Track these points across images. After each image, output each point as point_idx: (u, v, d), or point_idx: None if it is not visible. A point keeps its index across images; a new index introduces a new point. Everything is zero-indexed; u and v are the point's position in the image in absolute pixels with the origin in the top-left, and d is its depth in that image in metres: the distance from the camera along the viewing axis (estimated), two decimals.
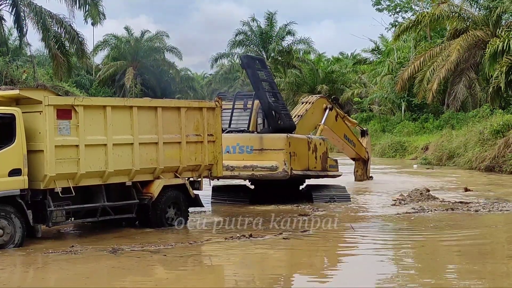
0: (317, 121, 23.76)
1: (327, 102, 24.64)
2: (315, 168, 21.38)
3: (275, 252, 13.76)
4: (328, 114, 24.10)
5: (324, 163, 21.77)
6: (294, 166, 20.37)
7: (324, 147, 21.91)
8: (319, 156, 21.55)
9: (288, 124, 21.14)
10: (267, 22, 72.18)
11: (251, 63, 21.53)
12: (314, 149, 21.34)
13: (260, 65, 22.02)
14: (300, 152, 20.73)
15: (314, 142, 21.50)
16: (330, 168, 22.19)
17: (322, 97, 25.16)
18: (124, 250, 13.35)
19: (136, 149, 15.47)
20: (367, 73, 68.77)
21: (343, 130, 26.16)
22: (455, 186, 25.69)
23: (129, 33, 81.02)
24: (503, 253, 13.74)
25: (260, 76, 21.34)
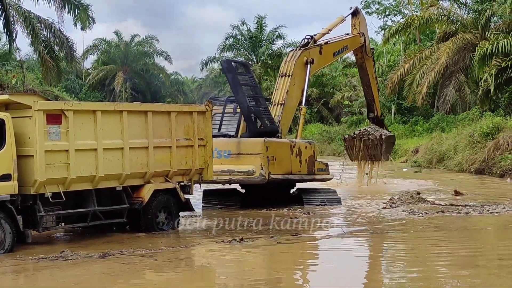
0: (300, 87, 23.26)
1: (306, 55, 23.58)
2: (299, 172, 21.28)
3: (266, 256, 13.75)
4: (310, 68, 23.45)
5: (311, 166, 21.67)
6: (273, 170, 20.27)
7: (310, 151, 21.80)
8: (305, 159, 21.45)
9: (270, 128, 21.07)
10: (256, 26, 72.23)
11: (231, 68, 21.55)
12: (298, 153, 21.23)
13: (244, 70, 22.13)
14: (281, 156, 20.63)
15: (299, 146, 21.38)
16: (319, 172, 22.05)
17: (299, 56, 23.49)
18: (114, 255, 13.32)
19: (127, 154, 15.45)
20: (357, 76, 68.82)
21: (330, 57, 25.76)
22: (445, 189, 25.72)
23: (119, 38, 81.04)
24: (493, 256, 13.76)
25: (242, 80, 21.33)
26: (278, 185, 21.49)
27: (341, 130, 62.23)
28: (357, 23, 27.17)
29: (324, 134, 61.87)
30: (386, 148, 27.58)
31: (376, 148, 27.49)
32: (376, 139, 27.44)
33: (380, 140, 27.28)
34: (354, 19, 27.26)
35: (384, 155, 27.61)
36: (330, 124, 69.37)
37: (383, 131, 27.99)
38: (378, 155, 27.64)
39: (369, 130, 28.11)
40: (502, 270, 12.12)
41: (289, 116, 22.79)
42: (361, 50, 27.18)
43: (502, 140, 31.82)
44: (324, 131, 62.80)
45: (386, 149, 27.54)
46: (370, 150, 27.69)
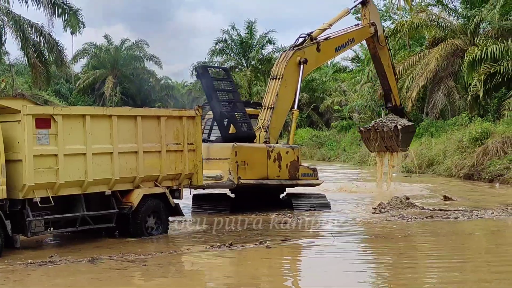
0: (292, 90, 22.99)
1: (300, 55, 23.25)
2: (278, 177, 21.17)
3: (255, 261, 13.74)
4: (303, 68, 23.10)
5: (294, 171, 21.53)
6: (245, 175, 20.18)
7: (293, 156, 21.64)
8: (286, 164, 21.31)
9: (245, 133, 21.08)
10: (247, 31, 72.28)
11: (205, 74, 21.65)
12: (277, 158, 21.13)
13: (224, 75, 22.40)
14: (254, 161, 20.54)
15: (278, 150, 21.25)
16: (304, 177, 21.90)
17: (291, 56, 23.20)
18: (103, 260, 13.28)
19: (116, 158, 15.42)
20: (347, 82, 69.03)
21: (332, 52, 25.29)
22: (434, 194, 25.78)
23: (109, 42, 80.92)
24: (481, 261, 13.80)
25: (217, 85, 21.42)
26: (265, 190, 21.52)
27: (331, 135, 62.38)
28: (367, 13, 26.59)
29: (314, 139, 61.97)
30: (404, 138, 26.83)
31: (392, 139, 26.87)
32: (390, 130, 26.81)
33: (395, 131, 26.62)
34: (364, 9, 26.72)
35: (401, 146, 26.98)
36: (320, 129, 69.48)
37: (401, 121, 27.18)
38: (395, 146, 27.06)
39: (385, 121, 27.53)
40: (490, 275, 12.16)
41: (280, 119, 22.63)
42: (372, 40, 26.55)
43: (491, 145, 31.95)
44: (314, 136, 62.90)
45: (403, 139, 26.79)
46: (386, 141, 27.09)
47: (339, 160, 54.89)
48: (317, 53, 23.80)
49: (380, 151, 27.81)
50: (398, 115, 27.76)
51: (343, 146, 56.49)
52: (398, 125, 26.69)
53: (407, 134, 27.21)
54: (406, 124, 27.17)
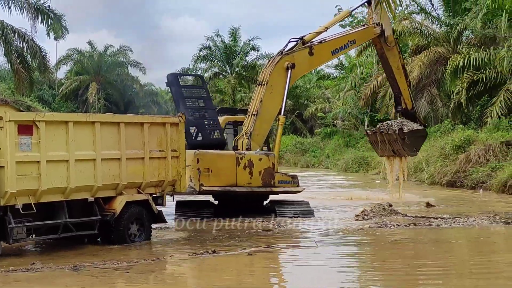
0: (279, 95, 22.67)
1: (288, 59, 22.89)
2: (249, 184, 21.08)
3: (239, 268, 13.73)
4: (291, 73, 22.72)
5: (268, 178, 21.40)
6: (208, 182, 20.10)
7: (268, 163, 21.47)
8: (259, 171, 21.23)
9: (213, 140, 21.08)
10: (231, 37, 72.37)
11: (174, 81, 21.72)
12: (247, 165, 21.02)
13: (199, 82, 22.49)
14: (220, 168, 20.44)
15: (249, 157, 21.15)
16: (280, 184, 21.73)
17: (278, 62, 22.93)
18: (86, 267, 13.21)
19: (99, 165, 15.36)
20: (331, 89, 69.25)
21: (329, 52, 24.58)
22: (417, 201, 25.86)
23: (92, 48, 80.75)
24: (464, 269, 13.86)
25: (185, 93, 21.48)
26: (250, 197, 21.52)
27: (314, 142, 62.49)
28: (373, 12, 25.66)
29: (298, 146, 62.06)
30: (413, 142, 25.80)
31: (397, 143, 25.82)
32: (395, 133, 25.77)
33: (400, 134, 25.55)
34: (370, 9, 25.84)
35: (407, 150, 25.92)
36: (304, 136, 69.62)
37: (410, 125, 25.98)
38: (401, 150, 26.02)
39: (391, 124, 26.41)
40: (473, 282, 12.21)
41: (265, 126, 22.46)
42: (379, 40, 25.69)
43: (474, 152, 32.12)
44: (298, 142, 63.00)
45: (411, 143, 25.73)
46: (393, 145, 26.06)
47: (322, 167, 54.98)
48: (310, 57, 23.40)
49: (388, 155, 26.92)
50: (409, 119, 26.58)
51: (327, 153, 56.60)
52: (406, 128, 25.72)
53: (416, 138, 26.08)
54: (414, 127, 26.06)
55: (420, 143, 26.78)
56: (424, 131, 26.92)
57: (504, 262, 14.13)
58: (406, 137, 25.51)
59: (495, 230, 18.41)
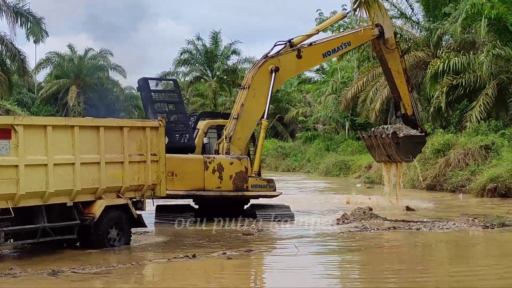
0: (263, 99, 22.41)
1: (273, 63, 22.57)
2: (219, 188, 21.03)
3: (218, 272, 13.70)
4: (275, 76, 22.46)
5: (240, 182, 21.30)
6: (172, 186, 19.89)
7: (240, 167, 21.36)
8: (229, 176, 21.16)
9: (181, 144, 21.03)
10: (212, 41, 72.34)
11: (144, 86, 21.69)
12: (217, 169, 20.94)
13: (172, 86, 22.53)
14: (186, 172, 20.37)
15: (219, 161, 21.09)
16: (254, 188, 21.60)
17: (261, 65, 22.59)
18: (64, 272, 13.12)
19: (78, 169, 15.26)
20: (312, 93, 69.38)
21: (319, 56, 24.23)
22: (397, 205, 25.92)
23: (72, 51, 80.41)
24: (443, 271, 13.91)
25: (155, 97, 21.41)
26: (229, 201, 21.49)
27: (295, 146, 62.54)
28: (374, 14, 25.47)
29: (279, 150, 62.07)
30: (408, 148, 24.67)
31: (391, 148, 24.76)
32: (387, 136, 24.76)
33: (393, 138, 24.49)
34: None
35: (401, 155, 24.75)
36: (285, 140, 69.66)
37: (406, 130, 24.93)
38: (395, 155, 24.92)
39: (387, 128, 25.66)
40: (452, 285, 12.26)
41: (247, 130, 22.31)
42: (378, 42, 24.86)
43: (453, 156, 32.29)
44: (279, 146, 63.01)
45: (405, 149, 24.60)
46: (387, 150, 24.99)
47: (303, 171, 55.05)
48: (298, 60, 23.05)
49: (384, 161, 25.92)
50: (409, 126, 25.41)
51: (308, 157, 56.68)
52: (402, 133, 24.76)
53: (411, 144, 24.93)
54: (411, 133, 25.01)
55: (417, 149, 25.67)
56: (422, 138, 25.72)
57: (481, 265, 14.20)
58: (401, 142, 24.59)
59: (474, 234, 18.50)
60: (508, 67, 36.68)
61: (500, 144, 32.11)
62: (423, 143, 26.22)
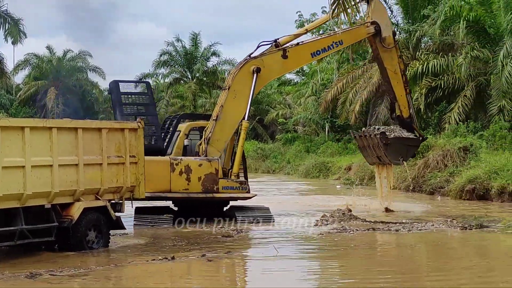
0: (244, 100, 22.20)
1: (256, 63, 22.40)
2: (186, 190, 20.93)
3: (197, 274, 13.67)
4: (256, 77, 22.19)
5: (211, 184, 21.18)
6: None
7: (210, 168, 21.21)
8: (198, 177, 21.04)
9: (150, 146, 20.95)
10: (191, 43, 72.24)
11: (114, 89, 21.70)
12: (184, 171, 20.82)
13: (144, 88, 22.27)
14: (152, 173, 19.93)
15: (187, 163, 20.97)
16: (225, 190, 21.44)
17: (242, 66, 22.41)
18: (42, 275, 13.04)
19: (56, 171, 15.15)
20: (292, 94, 69.50)
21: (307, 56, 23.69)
22: (376, 206, 25.99)
23: (51, 52, 79.94)
24: (421, 272, 13.97)
25: (124, 100, 21.34)
26: (206, 203, 21.47)
27: (275, 148, 62.61)
28: (370, 11, 24.09)
29: (259, 152, 62.11)
30: (398, 150, 23.89)
31: (380, 149, 24.02)
32: (375, 136, 24.01)
33: (382, 139, 23.71)
34: (368, 7, 24.17)
35: (389, 157, 24.01)
36: (265, 142, 69.71)
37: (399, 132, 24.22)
38: (384, 157, 24.19)
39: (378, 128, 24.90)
40: (428, 286, 12.31)
41: (226, 131, 22.09)
42: (374, 40, 24.06)
43: (432, 158, 32.43)
44: (259, 148, 63.05)
45: (396, 151, 23.85)
46: (376, 151, 24.30)
47: (283, 172, 55.11)
48: (284, 60, 22.63)
49: (375, 162, 25.15)
50: (405, 128, 24.60)
51: (288, 158, 56.75)
52: (393, 134, 23.98)
53: (402, 146, 24.13)
54: (403, 135, 24.25)
55: (408, 152, 24.76)
56: (415, 141, 24.75)
57: (460, 266, 14.27)
58: (390, 143, 23.78)
59: (452, 235, 18.60)
60: (486, 69, 37.00)
61: (478, 145, 32.32)
62: (416, 146, 25.32)
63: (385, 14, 24.74)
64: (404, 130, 24.47)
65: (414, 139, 24.64)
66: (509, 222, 19.66)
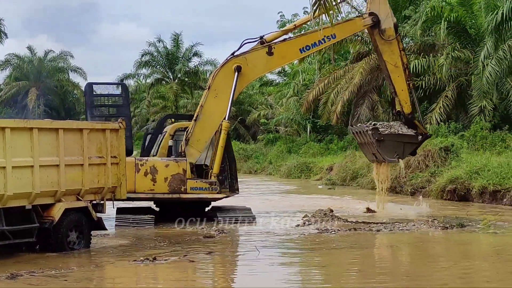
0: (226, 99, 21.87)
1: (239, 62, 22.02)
2: (152, 190, 20.80)
3: (180, 275, 13.65)
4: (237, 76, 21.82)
5: (178, 185, 21.03)
6: None
7: (177, 169, 21.07)
8: (164, 178, 20.95)
9: None
10: (173, 43, 72.15)
11: (86, 91, 21.71)
12: (149, 171, 20.69)
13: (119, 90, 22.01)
14: None
15: (152, 164, 20.87)
16: (193, 190, 21.22)
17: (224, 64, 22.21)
18: (23, 276, 12.97)
19: (37, 172, 15.07)
20: (274, 95, 69.52)
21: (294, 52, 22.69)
22: (358, 207, 26.06)
23: (32, 53, 79.61)
24: (403, 272, 14.03)
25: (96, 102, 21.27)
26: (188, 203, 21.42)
27: (257, 148, 62.61)
28: (369, 1, 23.35)
29: (241, 152, 62.01)
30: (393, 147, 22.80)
31: (373, 145, 23.18)
32: (366, 132, 23.23)
33: (374, 135, 22.77)
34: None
35: (383, 154, 22.96)
36: (246, 142, 69.68)
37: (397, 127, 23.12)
38: (377, 153, 23.27)
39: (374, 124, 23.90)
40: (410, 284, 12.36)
41: (206, 131, 21.90)
42: (372, 32, 23.03)
43: (413, 158, 32.47)
44: (241, 149, 62.98)
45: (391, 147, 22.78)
46: (371, 148, 23.48)
47: (265, 173, 55.12)
48: (269, 57, 22.05)
49: (373, 160, 24.19)
50: (407, 125, 23.32)
51: (270, 159, 56.77)
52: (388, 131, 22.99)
53: (398, 143, 22.99)
54: (401, 131, 23.08)
55: (405, 150, 23.39)
56: (413, 138, 23.23)
57: (441, 266, 14.33)
58: (384, 140, 22.73)
59: (434, 235, 18.69)
60: (467, 70, 37.21)
61: (459, 145, 32.48)
62: (415, 143, 23.56)
63: (386, 4, 23.36)
64: (405, 127, 23.24)
65: (412, 136, 23.24)
66: (490, 222, 19.78)
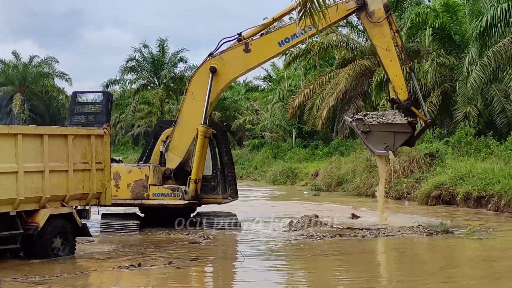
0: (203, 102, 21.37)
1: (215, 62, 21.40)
2: (115, 196, 20.18)
3: (164, 281, 13.62)
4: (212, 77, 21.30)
5: (140, 191, 20.96)
6: None
7: (140, 175, 20.99)
8: (127, 184, 20.92)
9: None
10: (158, 49, 72.11)
11: (71, 100, 21.80)
12: (113, 177, 19.92)
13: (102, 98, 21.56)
14: None
15: (115, 170, 20.63)
16: (155, 196, 21.04)
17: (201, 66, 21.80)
18: (7, 282, 12.90)
19: (21, 178, 14.98)
20: (259, 100, 69.60)
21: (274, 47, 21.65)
22: (343, 212, 26.07)
23: (17, 58, 79.32)
24: (388, 278, 14.06)
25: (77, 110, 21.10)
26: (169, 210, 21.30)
27: (243, 154, 62.62)
28: None
29: None
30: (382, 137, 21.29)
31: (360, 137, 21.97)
32: (350, 123, 22.10)
33: (359, 126, 21.48)
34: None
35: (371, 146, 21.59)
36: (232, 148, 69.62)
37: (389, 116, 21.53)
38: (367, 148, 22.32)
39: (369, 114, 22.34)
40: None
41: (185, 136, 21.64)
42: (359, 15, 21.67)
43: (398, 164, 32.61)
44: None
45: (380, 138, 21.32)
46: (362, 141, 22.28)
47: (250, 178, 55.11)
48: (246, 54, 21.25)
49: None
50: (405, 113, 21.50)
51: (255, 164, 56.77)
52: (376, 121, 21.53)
53: (388, 133, 21.39)
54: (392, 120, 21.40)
55: (397, 140, 21.47)
56: (405, 127, 21.39)
57: (426, 271, 14.37)
58: (371, 130, 21.33)
59: (418, 241, 18.73)
60: (452, 76, 37.40)
61: (444, 151, 32.62)
62: (407, 132, 21.65)
63: None
64: (401, 115, 21.50)
65: (402, 124, 21.31)
66: (474, 227, 19.85)
